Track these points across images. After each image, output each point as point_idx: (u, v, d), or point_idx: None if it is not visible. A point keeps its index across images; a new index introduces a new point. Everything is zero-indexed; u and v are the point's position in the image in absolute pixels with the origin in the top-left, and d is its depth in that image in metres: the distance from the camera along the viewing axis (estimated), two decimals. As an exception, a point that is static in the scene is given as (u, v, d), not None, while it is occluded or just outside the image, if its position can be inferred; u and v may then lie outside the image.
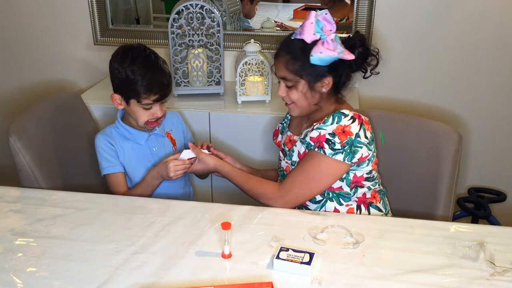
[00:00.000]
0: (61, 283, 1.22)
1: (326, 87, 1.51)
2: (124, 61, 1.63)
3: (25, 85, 2.56)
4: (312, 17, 1.45)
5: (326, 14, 1.47)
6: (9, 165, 1.72)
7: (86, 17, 2.36)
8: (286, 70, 1.50)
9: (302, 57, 1.46)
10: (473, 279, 1.21)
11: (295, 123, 1.69)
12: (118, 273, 1.24)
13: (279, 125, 1.79)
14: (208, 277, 1.23)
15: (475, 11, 2.13)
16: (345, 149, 1.45)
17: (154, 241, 1.36)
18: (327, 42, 1.43)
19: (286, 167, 1.63)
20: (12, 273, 1.25)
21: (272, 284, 1.19)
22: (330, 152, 1.45)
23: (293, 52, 1.48)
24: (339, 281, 1.21)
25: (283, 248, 1.27)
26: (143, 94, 1.62)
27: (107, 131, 1.75)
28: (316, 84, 1.49)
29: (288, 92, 1.53)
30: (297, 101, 1.53)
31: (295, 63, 1.48)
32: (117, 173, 1.73)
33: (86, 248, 1.34)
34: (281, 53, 1.51)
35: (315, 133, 1.48)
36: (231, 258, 1.30)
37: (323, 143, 1.46)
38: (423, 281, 1.21)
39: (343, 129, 1.46)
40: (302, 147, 1.54)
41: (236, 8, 2.34)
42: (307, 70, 1.47)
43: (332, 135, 1.46)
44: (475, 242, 1.32)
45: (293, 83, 1.51)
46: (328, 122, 1.47)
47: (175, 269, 1.26)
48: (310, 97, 1.51)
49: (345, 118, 1.47)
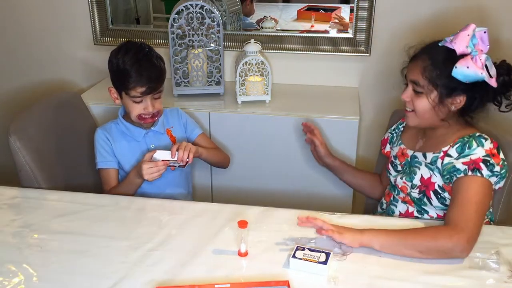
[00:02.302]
0: (79, 278, 1.24)
1: (457, 105, 1.41)
2: (118, 53, 1.66)
3: (25, 85, 2.56)
4: (471, 30, 1.37)
5: (485, 33, 1.39)
6: (9, 165, 1.72)
7: (86, 17, 2.36)
8: (421, 75, 1.41)
9: (443, 66, 1.38)
10: (490, 281, 1.21)
11: (409, 135, 1.61)
12: (134, 270, 1.26)
13: (388, 134, 1.72)
14: (224, 275, 1.24)
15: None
16: (501, 172, 1.36)
17: (170, 239, 1.38)
18: (476, 59, 1.35)
19: (402, 187, 1.55)
20: (29, 266, 1.28)
21: (289, 283, 1.19)
22: (488, 174, 1.35)
23: (435, 58, 1.40)
24: (355, 281, 1.22)
25: (299, 247, 1.29)
26: (130, 85, 1.63)
27: (107, 126, 1.78)
28: (447, 99, 1.40)
29: (414, 98, 1.44)
30: (419, 111, 1.44)
31: (433, 71, 1.39)
32: (110, 169, 1.75)
33: (103, 244, 1.36)
34: (422, 56, 1.43)
35: (465, 159, 1.37)
36: (247, 256, 1.31)
37: (480, 164, 1.35)
38: (439, 283, 1.21)
39: (491, 152, 1.37)
40: (428, 173, 1.46)
41: (236, 8, 2.34)
42: (443, 81, 1.38)
43: (488, 156, 1.36)
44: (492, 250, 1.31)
45: (423, 91, 1.42)
46: (473, 146, 1.38)
47: (191, 266, 1.27)
48: (437, 110, 1.42)
49: (486, 142, 1.39)
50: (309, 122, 1.86)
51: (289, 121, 2.03)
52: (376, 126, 2.28)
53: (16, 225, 1.45)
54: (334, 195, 2.07)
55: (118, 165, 1.76)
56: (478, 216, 1.32)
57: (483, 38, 1.39)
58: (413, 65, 1.45)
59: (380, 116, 2.22)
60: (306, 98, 2.19)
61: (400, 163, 1.58)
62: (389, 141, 1.71)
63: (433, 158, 1.46)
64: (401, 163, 1.58)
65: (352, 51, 2.23)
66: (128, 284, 1.22)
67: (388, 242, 1.30)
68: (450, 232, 1.29)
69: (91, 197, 1.59)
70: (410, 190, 1.52)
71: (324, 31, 2.29)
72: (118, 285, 1.21)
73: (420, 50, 1.46)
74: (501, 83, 1.40)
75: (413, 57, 1.47)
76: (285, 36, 2.26)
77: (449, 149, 1.42)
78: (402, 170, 1.57)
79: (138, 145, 1.76)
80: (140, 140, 1.76)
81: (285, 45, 2.26)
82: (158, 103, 1.70)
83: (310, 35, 2.26)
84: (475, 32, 1.38)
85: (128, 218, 1.50)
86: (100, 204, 1.55)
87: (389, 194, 1.64)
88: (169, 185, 1.78)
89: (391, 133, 1.71)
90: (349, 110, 2.06)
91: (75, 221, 1.47)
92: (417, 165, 1.51)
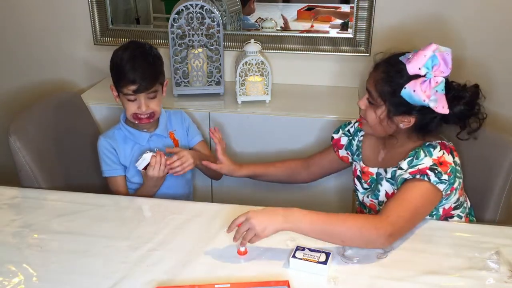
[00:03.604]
0: (79, 278, 1.24)
1: (405, 124, 1.38)
2: (118, 50, 1.67)
3: (25, 85, 2.56)
4: (430, 50, 1.30)
5: (448, 55, 1.31)
6: (9, 165, 1.72)
7: (86, 17, 2.36)
8: (374, 87, 1.38)
9: (394, 84, 1.34)
10: (490, 281, 1.21)
11: (370, 150, 1.57)
12: (134, 270, 1.26)
13: (342, 136, 1.65)
14: (224, 275, 1.24)
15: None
16: (449, 179, 1.33)
17: (170, 239, 1.38)
18: (427, 83, 1.29)
19: (370, 205, 1.55)
20: (29, 266, 1.28)
21: (288, 282, 1.19)
22: (435, 180, 1.32)
23: (390, 73, 1.35)
24: (355, 281, 1.22)
25: (299, 247, 1.28)
26: (121, 81, 1.63)
27: (110, 133, 1.77)
28: (396, 116, 1.38)
29: (367, 107, 1.43)
30: (368, 121, 1.43)
31: (384, 86, 1.35)
32: (116, 176, 1.75)
33: (103, 244, 1.36)
34: (380, 68, 1.39)
35: (412, 169, 1.34)
36: (247, 255, 1.31)
37: (427, 171, 1.32)
38: (439, 283, 1.21)
39: (439, 161, 1.34)
40: (391, 188, 1.45)
41: (236, 8, 2.34)
42: (392, 99, 1.35)
43: (435, 165, 1.33)
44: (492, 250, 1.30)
45: (374, 103, 1.40)
46: (421, 157, 1.35)
47: (191, 266, 1.27)
48: (385, 125, 1.40)
49: (435, 151, 1.35)
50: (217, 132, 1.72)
51: (289, 121, 2.03)
52: (376, 126, 2.27)
53: (16, 225, 1.45)
54: (334, 195, 2.07)
55: (124, 171, 1.77)
56: (411, 217, 1.31)
57: (446, 59, 1.31)
58: (371, 75, 1.41)
59: (380, 116, 2.22)
60: (306, 98, 2.19)
61: (366, 181, 1.56)
62: (346, 147, 1.65)
63: (392, 173, 1.44)
64: (366, 181, 1.56)
65: (352, 51, 2.23)
66: (128, 284, 1.22)
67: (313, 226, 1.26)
68: (378, 224, 1.26)
69: (91, 197, 1.59)
70: (379, 207, 1.51)
71: (324, 31, 2.30)
72: (118, 285, 1.21)
73: (382, 60, 1.41)
74: (457, 111, 1.34)
75: (375, 66, 1.42)
76: (285, 36, 2.26)
77: (402, 163, 1.39)
78: (370, 187, 1.55)
79: (142, 149, 1.75)
80: (144, 144, 1.75)
81: (285, 45, 2.26)
82: (154, 104, 1.68)
83: (310, 35, 2.26)
84: (435, 52, 1.30)
85: (128, 218, 1.50)
86: (100, 204, 1.55)
87: (361, 211, 1.62)
88: (170, 185, 1.78)
89: (347, 137, 1.64)
90: (349, 110, 2.06)
91: (75, 221, 1.47)
92: (380, 181, 1.49)
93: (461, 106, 1.35)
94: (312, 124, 2.01)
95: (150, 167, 1.63)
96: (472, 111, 1.36)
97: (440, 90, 1.31)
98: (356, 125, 1.64)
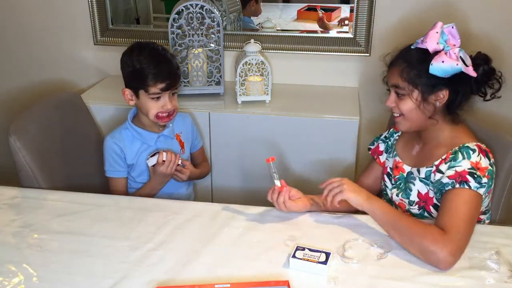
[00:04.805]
0: (79, 278, 1.24)
1: (441, 100, 1.41)
2: (132, 53, 1.68)
3: (25, 85, 2.56)
4: (438, 27, 1.39)
5: (453, 28, 1.40)
6: (9, 165, 1.72)
7: (86, 17, 2.36)
8: (400, 78, 1.41)
9: (420, 66, 1.39)
10: (490, 281, 1.21)
11: (403, 144, 1.59)
12: (134, 270, 1.27)
13: (379, 142, 1.67)
14: (224, 275, 1.24)
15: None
16: (488, 182, 1.34)
17: (170, 238, 1.39)
18: (450, 54, 1.36)
19: (399, 203, 1.55)
20: (29, 266, 1.28)
21: (288, 282, 1.19)
22: (476, 185, 1.32)
23: (410, 60, 1.41)
24: (355, 281, 1.22)
25: (299, 247, 1.29)
26: (149, 81, 1.64)
27: (116, 134, 1.77)
28: (430, 96, 1.40)
29: (398, 102, 1.44)
30: (407, 113, 1.44)
31: (410, 72, 1.40)
32: (119, 178, 1.77)
33: (103, 244, 1.36)
34: (398, 61, 1.44)
35: (450, 172, 1.36)
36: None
37: (467, 177, 1.33)
38: (439, 283, 1.21)
39: (477, 166, 1.35)
40: (424, 188, 1.46)
41: (236, 8, 2.34)
42: (423, 79, 1.39)
43: (473, 169, 1.34)
44: (492, 251, 1.31)
45: (405, 92, 1.42)
46: (459, 159, 1.37)
47: (191, 266, 1.28)
48: (422, 108, 1.41)
49: (473, 154, 1.37)
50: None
51: (289, 121, 2.03)
52: (376, 126, 2.27)
53: (16, 225, 1.45)
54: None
55: (127, 173, 1.78)
56: (466, 228, 1.30)
57: (453, 33, 1.40)
58: (391, 71, 1.46)
59: (380, 116, 2.22)
60: (306, 98, 2.19)
61: (394, 176, 1.57)
62: (385, 150, 1.66)
63: (426, 173, 1.45)
64: (395, 176, 1.56)
65: (352, 51, 2.23)
66: (128, 284, 1.22)
67: (385, 216, 1.36)
68: (437, 237, 1.25)
69: (91, 197, 1.59)
70: (409, 207, 1.52)
71: (324, 31, 2.30)
72: (118, 285, 1.21)
73: (395, 56, 1.47)
74: (481, 72, 1.41)
75: (390, 63, 1.48)
76: (285, 36, 2.26)
77: (441, 165, 1.41)
78: (396, 184, 1.56)
79: (149, 149, 1.76)
80: (152, 144, 1.77)
81: (285, 45, 2.26)
82: (175, 100, 1.73)
83: (310, 35, 2.26)
84: (443, 29, 1.39)
85: (128, 218, 1.50)
86: (100, 204, 1.55)
87: None
88: (170, 185, 1.79)
89: (384, 141, 1.67)
90: (349, 110, 2.06)
91: (75, 221, 1.47)
92: (412, 181, 1.50)
93: (483, 67, 1.42)
94: (312, 124, 2.01)
95: (160, 165, 1.68)
96: (493, 71, 1.43)
97: (464, 57, 1.38)
98: (391, 130, 1.67)
